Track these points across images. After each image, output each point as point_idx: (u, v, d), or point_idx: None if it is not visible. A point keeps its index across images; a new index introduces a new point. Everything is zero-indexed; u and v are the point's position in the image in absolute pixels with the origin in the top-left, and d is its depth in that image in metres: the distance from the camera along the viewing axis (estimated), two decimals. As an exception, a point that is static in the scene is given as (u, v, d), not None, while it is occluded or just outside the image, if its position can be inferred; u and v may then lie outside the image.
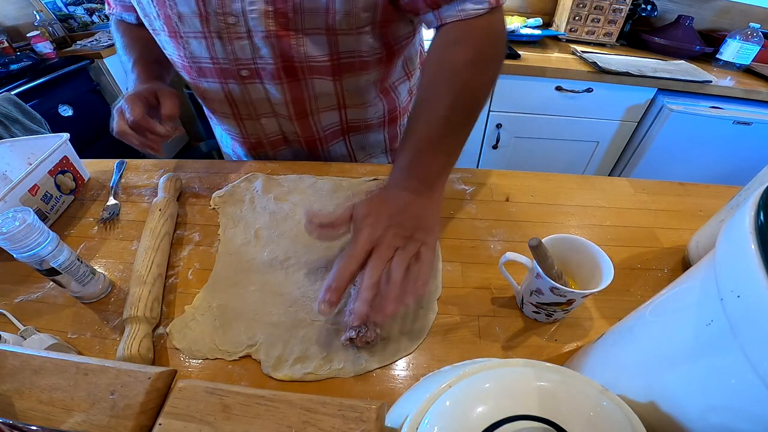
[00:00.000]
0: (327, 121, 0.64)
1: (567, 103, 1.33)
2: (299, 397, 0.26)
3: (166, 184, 0.57)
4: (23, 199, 0.50)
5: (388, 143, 0.74)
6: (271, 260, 0.49)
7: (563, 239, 0.41)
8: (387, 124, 0.70)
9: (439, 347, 0.41)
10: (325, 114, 0.63)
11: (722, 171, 1.38)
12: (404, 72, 0.66)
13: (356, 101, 0.62)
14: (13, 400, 0.25)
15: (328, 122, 0.64)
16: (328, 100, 0.60)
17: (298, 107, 0.60)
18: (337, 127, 0.66)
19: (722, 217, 0.46)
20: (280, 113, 0.61)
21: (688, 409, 0.21)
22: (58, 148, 0.56)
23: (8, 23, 1.71)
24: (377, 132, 0.70)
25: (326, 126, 0.65)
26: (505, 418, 0.21)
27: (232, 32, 0.49)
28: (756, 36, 1.32)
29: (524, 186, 0.63)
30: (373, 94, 0.63)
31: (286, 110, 0.60)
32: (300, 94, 0.58)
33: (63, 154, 0.58)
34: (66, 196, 0.58)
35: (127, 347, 0.37)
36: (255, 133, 0.65)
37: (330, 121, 0.64)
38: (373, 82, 0.61)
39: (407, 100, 0.70)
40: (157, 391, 0.26)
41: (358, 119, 0.66)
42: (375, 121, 0.68)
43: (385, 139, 0.72)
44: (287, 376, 0.38)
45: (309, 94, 0.58)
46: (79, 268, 0.41)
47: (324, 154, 0.70)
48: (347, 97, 0.61)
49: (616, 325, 0.32)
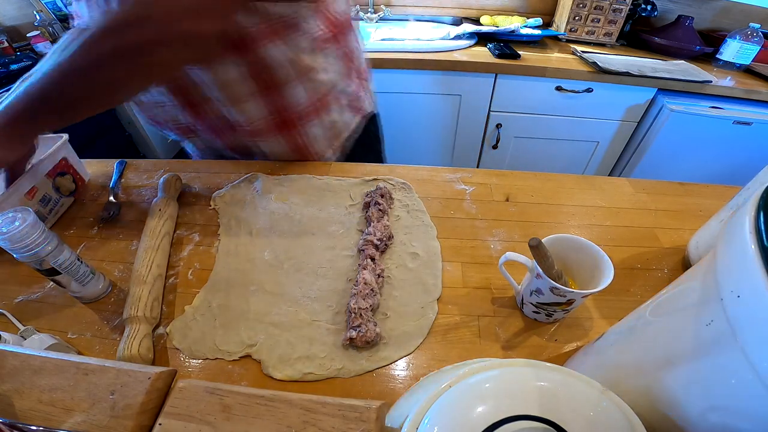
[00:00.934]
0: (218, 113, 0.60)
1: (567, 103, 1.33)
2: (299, 397, 0.26)
3: (166, 184, 0.57)
4: (21, 202, 0.49)
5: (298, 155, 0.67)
6: (271, 260, 0.49)
7: (563, 239, 0.41)
8: (281, 129, 0.63)
9: (439, 347, 0.41)
10: (214, 105, 0.59)
11: (722, 171, 1.38)
12: (293, 71, 0.57)
13: (227, 95, 0.57)
14: (13, 400, 0.25)
15: (220, 114, 0.60)
16: (206, 90, 0.57)
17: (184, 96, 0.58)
18: (232, 124, 0.62)
19: (722, 217, 0.46)
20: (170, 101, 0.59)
21: (688, 409, 0.21)
22: (56, 149, 0.56)
23: (8, 23, 1.71)
24: (273, 139, 0.64)
25: (220, 118, 0.61)
26: (505, 418, 0.21)
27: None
28: (756, 36, 1.31)
29: (524, 186, 0.63)
30: (245, 88, 0.56)
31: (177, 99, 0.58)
32: (183, 81, 0.55)
33: (62, 156, 0.57)
34: (65, 198, 0.57)
35: (127, 347, 0.37)
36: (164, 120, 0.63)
37: (220, 114, 0.60)
38: (241, 76, 0.55)
39: (307, 104, 0.62)
40: (157, 391, 0.26)
41: (242, 119, 0.60)
42: (262, 124, 0.61)
43: (291, 150, 0.66)
44: (287, 376, 0.38)
45: (188, 82, 0.55)
46: (79, 268, 0.41)
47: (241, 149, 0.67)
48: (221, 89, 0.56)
49: (616, 325, 0.32)
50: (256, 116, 0.60)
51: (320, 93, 0.62)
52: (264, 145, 0.65)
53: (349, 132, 0.71)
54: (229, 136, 0.65)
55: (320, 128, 0.66)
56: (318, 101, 0.63)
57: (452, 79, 1.29)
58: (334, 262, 0.49)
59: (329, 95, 0.64)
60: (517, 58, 1.25)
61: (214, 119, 0.61)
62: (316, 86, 0.61)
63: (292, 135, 0.64)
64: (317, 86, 0.61)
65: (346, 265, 0.48)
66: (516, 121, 1.40)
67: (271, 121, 0.61)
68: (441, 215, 0.56)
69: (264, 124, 0.61)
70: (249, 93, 0.57)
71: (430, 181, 0.63)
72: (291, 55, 0.56)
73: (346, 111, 0.69)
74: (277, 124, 0.62)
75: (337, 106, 0.66)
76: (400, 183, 0.61)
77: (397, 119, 1.41)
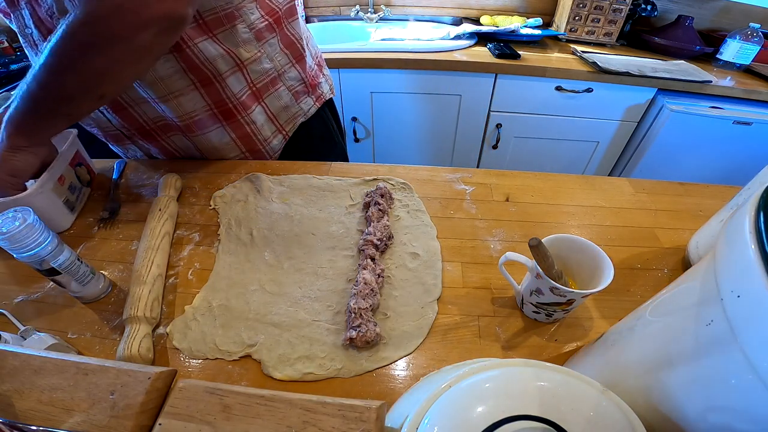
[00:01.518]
0: (151, 113, 0.60)
1: (567, 103, 1.33)
2: (299, 397, 0.26)
3: (166, 184, 0.57)
4: (55, 189, 0.52)
5: (241, 144, 0.66)
6: (271, 260, 0.49)
7: (563, 239, 0.41)
8: (223, 120, 0.62)
9: (439, 347, 0.41)
10: (143, 106, 0.59)
11: (722, 171, 1.38)
12: (232, 62, 0.57)
13: (162, 91, 0.56)
14: (13, 400, 0.25)
15: (153, 115, 0.60)
16: (139, 92, 0.56)
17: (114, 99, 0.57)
18: (167, 122, 0.61)
19: (722, 217, 0.46)
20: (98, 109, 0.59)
21: (688, 409, 0.21)
22: (71, 142, 0.57)
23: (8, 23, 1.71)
24: (217, 131, 0.63)
25: (153, 119, 0.61)
26: (505, 418, 0.21)
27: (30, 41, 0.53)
28: (756, 36, 1.31)
29: (524, 186, 0.63)
30: (181, 82, 0.56)
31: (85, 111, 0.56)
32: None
33: (75, 149, 0.59)
34: (85, 188, 0.60)
35: (127, 347, 0.37)
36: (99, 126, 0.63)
37: (154, 114, 0.60)
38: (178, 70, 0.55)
39: (247, 94, 0.62)
40: (157, 391, 0.26)
41: (180, 114, 0.59)
42: (202, 115, 0.60)
43: (233, 140, 0.65)
44: (287, 376, 0.38)
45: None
46: (79, 268, 0.41)
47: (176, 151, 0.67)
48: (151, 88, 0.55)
49: (616, 325, 0.32)
50: (195, 109, 0.60)
51: (263, 81, 0.63)
52: (204, 139, 0.64)
53: (304, 117, 0.72)
54: (165, 139, 0.64)
55: (266, 115, 0.66)
56: (262, 88, 0.63)
57: (452, 79, 1.29)
58: (334, 262, 0.49)
59: (276, 82, 0.65)
60: (517, 58, 1.25)
61: (148, 121, 0.61)
62: (259, 75, 0.62)
63: (237, 123, 0.64)
64: (260, 75, 0.62)
65: (346, 265, 0.48)
66: (516, 121, 1.40)
67: (212, 112, 0.61)
68: (441, 215, 0.56)
69: (205, 115, 0.61)
70: (186, 87, 0.57)
71: (430, 181, 0.63)
72: (228, 48, 0.56)
73: (299, 96, 0.70)
74: (218, 115, 0.62)
75: (286, 92, 0.67)
76: (400, 183, 0.61)
77: (397, 119, 1.41)
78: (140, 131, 0.63)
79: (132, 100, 0.58)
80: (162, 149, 0.67)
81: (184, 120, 0.60)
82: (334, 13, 1.64)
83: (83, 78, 0.44)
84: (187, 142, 0.65)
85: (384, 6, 1.60)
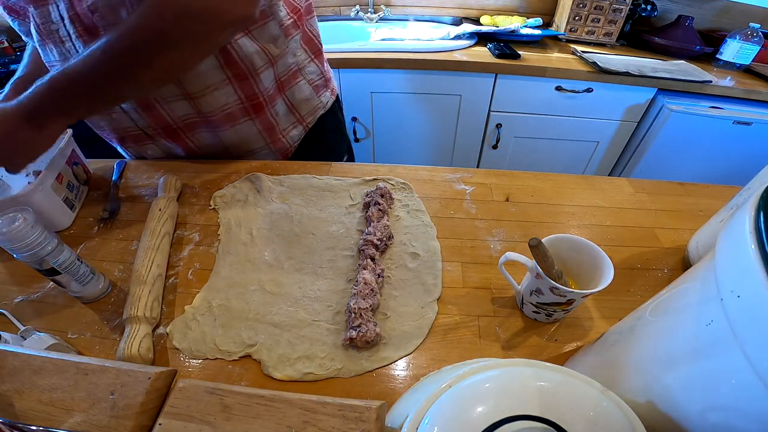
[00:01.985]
0: (180, 111, 0.60)
1: (567, 103, 1.33)
2: (299, 397, 0.26)
3: (166, 184, 0.57)
4: (53, 186, 0.52)
5: (266, 136, 0.68)
6: (272, 260, 0.49)
7: (563, 239, 0.41)
8: (252, 113, 0.64)
9: (439, 347, 0.41)
10: (175, 104, 0.59)
11: (722, 171, 1.38)
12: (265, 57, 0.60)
13: (198, 86, 0.58)
14: (13, 400, 0.25)
15: (182, 113, 0.61)
16: (172, 89, 0.57)
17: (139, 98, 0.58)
18: (195, 119, 0.62)
19: (722, 217, 0.46)
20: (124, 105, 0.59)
21: (688, 408, 0.21)
22: (67, 141, 0.58)
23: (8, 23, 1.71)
24: (245, 123, 0.65)
25: (182, 116, 0.61)
26: (505, 418, 0.21)
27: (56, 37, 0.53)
28: (756, 36, 1.31)
29: (524, 186, 0.63)
30: (217, 77, 0.58)
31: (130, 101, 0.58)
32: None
33: (72, 147, 0.59)
34: (83, 186, 0.60)
35: (127, 347, 0.37)
36: (116, 128, 0.63)
37: (183, 111, 0.61)
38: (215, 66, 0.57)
39: (274, 87, 0.64)
40: (157, 391, 0.26)
41: (213, 108, 0.61)
42: (235, 108, 0.62)
43: (259, 131, 0.67)
44: (287, 376, 0.38)
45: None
46: (79, 268, 0.41)
47: (197, 149, 0.67)
48: (187, 83, 0.57)
49: (616, 325, 0.32)
50: (227, 103, 0.61)
51: (286, 75, 0.66)
52: (233, 133, 0.65)
53: (324, 110, 0.75)
54: (189, 137, 0.65)
55: (286, 106, 0.69)
56: (285, 82, 0.66)
57: (452, 79, 1.29)
58: (334, 262, 0.49)
59: (296, 76, 0.68)
60: (517, 58, 1.25)
61: (177, 119, 0.62)
62: (284, 69, 0.65)
63: (264, 116, 0.66)
64: (284, 69, 0.65)
65: (346, 265, 0.48)
66: (516, 121, 1.40)
67: (243, 106, 0.63)
68: (441, 215, 0.56)
69: (236, 109, 0.62)
70: (221, 81, 0.59)
71: (430, 181, 0.63)
72: (262, 44, 0.58)
73: (319, 90, 0.73)
74: (249, 108, 0.63)
75: (306, 85, 0.70)
76: (400, 183, 0.61)
77: (397, 119, 1.41)
78: (166, 130, 0.63)
79: (162, 99, 0.58)
80: (185, 147, 0.67)
81: (216, 114, 0.61)
82: (334, 13, 1.64)
83: (153, 69, 0.45)
84: (213, 138, 0.66)
85: (384, 6, 1.60)
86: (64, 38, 0.52)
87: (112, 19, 0.49)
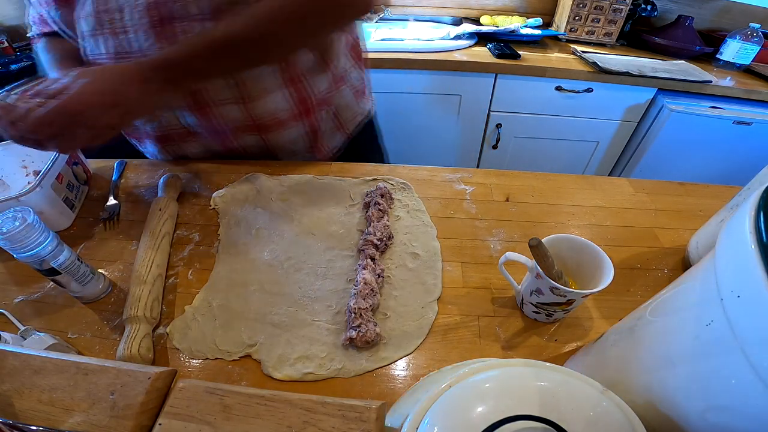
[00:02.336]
0: (231, 114, 0.60)
1: (567, 103, 1.33)
2: (299, 397, 0.26)
3: (166, 184, 0.57)
4: (53, 186, 0.52)
5: (307, 140, 0.69)
6: (272, 260, 0.49)
7: (563, 239, 0.41)
8: (303, 117, 0.65)
9: (439, 347, 0.41)
10: (228, 107, 0.59)
11: (722, 171, 1.38)
12: (322, 61, 0.61)
13: (255, 90, 0.58)
14: (13, 400, 0.25)
15: (233, 115, 0.61)
16: (226, 92, 0.57)
17: (195, 97, 0.57)
18: (246, 123, 0.62)
19: (722, 217, 0.46)
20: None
21: (688, 408, 0.21)
22: None
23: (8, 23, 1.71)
24: (294, 126, 0.65)
25: (231, 120, 0.61)
26: (505, 418, 0.21)
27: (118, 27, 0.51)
28: (756, 36, 1.31)
29: (524, 186, 0.63)
30: (273, 81, 0.59)
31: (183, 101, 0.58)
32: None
33: None
34: (83, 186, 0.60)
35: (127, 347, 0.37)
36: (161, 126, 0.63)
37: (234, 114, 0.60)
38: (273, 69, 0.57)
39: (326, 91, 0.65)
40: (157, 391, 0.26)
41: (264, 113, 0.61)
42: (286, 115, 0.63)
43: (306, 133, 0.67)
44: (287, 376, 0.38)
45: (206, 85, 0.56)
46: (79, 268, 0.41)
47: (240, 150, 0.67)
48: (245, 87, 0.57)
49: (616, 325, 0.32)
50: (280, 107, 0.61)
51: (335, 80, 0.66)
52: (280, 136, 0.66)
53: (362, 116, 0.74)
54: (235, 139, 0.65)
55: (332, 113, 0.69)
56: (333, 87, 0.66)
57: (452, 79, 1.29)
58: (334, 262, 0.49)
59: (341, 82, 0.67)
60: (517, 58, 1.25)
61: (228, 122, 0.62)
62: (334, 75, 0.65)
63: (310, 120, 0.66)
64: (334, 75, 0.65)
65: (346, 265, 0.48)
66: (516, 121, 1.40)
67: (295, 110, 0.63)
68: (441, 215, 0.56)
69: (288, 113, 0.63)
70: (277, 85, 0.59)
71: (430, 181, 0.63)
72: (320, 50, 0.60)
73: (359, 97, 0.72)
74: (300, 112, 0.64)
75: (348, 91, 0.69)
76: (400, 183, 0.61)
77: (397, 119, 1.41)
78: (213, 131, 0.63)
79: (216, 101, 0.58)
80: (229, 147, 0.67)
81: (266, 118, 0.62)
82: (334, 13, 1.64)
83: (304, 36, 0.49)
84: (258, 141, 0.66)
85: (384, 6, 1.60)
86: (128, 28, 0.50)
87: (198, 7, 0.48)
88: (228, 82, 0.56)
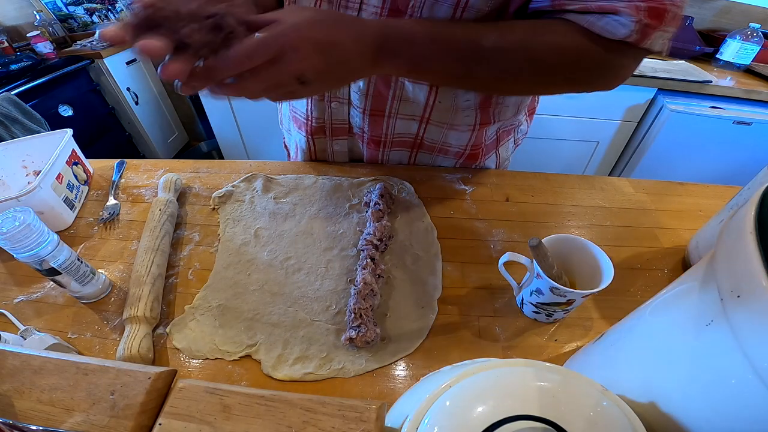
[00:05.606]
0: (401, 129, 0.58)
1: (567, 103, 1.33)
2: (299, 397, 0.26)
3: (166, 184, 0.57)
4: (53, 186, 0.52)
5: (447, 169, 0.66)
6: (271, 260, 0.49)
7: (563, 239, 0.41)
8: (464, 154, 0.62)
9: (439, 347, 0.41)
10: (402, 122, 0.57)
11: (722, 171, 1.38)
12: (516, 110, 0.59)
13: (443, 119, 0.55)
14: (13, 400, 0.25)
15: (402, 131, 0.58)
16: (412, 108, 0.55)
17: (376, 103, 0.54)
18: (409, 139, 0.60)
19: (722, 217, 0.46)
20: (354, 103, 0.56)
21: (688, 409, 0.21)
22: (67, 141, 0.58)
23: (8, 23, 1.71)
24: (450, 159, 0.64)
25: (399, 133, 0.59)
26: (505, 418, 0.21)
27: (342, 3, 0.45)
28: (756, 36, 1.32)
29: (524, 186, 0.63)
30: (466, 118, 0.56)
31: (362, 102, 0.55)
32: (385, 91, 0.53)
33: (71, 148, 0.59)
34: (83, 186, 0.60)
35: (127, 347, 0.37)
36: (320, 116, 0.59)
37: (404, 130, 0.58)
38: (474, 105, 0.54)
39: (496, 140, 0.63)
40: (157, 391, 0.26)
41: (436, 141, 0.60)
42: (454, 149, 0.61)
43: (452, 166, 0.66)
44: (287, 376, 0.38)
45: (394, 94, 0.53)
46: (79, 268, 0.41)
47: (380, 160, 0.65)
48: (435, 111, 0.54)
49: (616, 325, 0.32)
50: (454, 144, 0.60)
51: (509, 130, 0.65)
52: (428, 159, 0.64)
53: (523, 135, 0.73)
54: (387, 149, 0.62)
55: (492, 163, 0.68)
56: (501, 138, 0.65)
57: (452, 79, 1.28)
58: (334, 262, 0.49)
59: (510, 134, 0.67)
60: (517, 58, 1.25)
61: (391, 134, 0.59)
62: (512, 124, 0.64)
63: (466, 161, 0.64)
64: (512, 124, 0.64)
65: (346, 265, 0.48)
66: (516, 121, 1.40)
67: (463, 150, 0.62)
68: (441, 215, 0.56)
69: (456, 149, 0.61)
70: (467, 125, 0.57)
71: (430, 181, 0.63)
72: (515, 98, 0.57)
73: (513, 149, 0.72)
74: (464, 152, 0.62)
75: (512, 146, 0.70)
76: (400, 183, 0.61)
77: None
78: (375, 138, 0.60)
79: (394, 113, 0.56)
80: (376, 156, 0.65)
81: (435, 143, 0.60)
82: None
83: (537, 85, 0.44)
84: (403, 158, 0.65)
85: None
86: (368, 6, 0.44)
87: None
88: (428, 100, 0.53)
